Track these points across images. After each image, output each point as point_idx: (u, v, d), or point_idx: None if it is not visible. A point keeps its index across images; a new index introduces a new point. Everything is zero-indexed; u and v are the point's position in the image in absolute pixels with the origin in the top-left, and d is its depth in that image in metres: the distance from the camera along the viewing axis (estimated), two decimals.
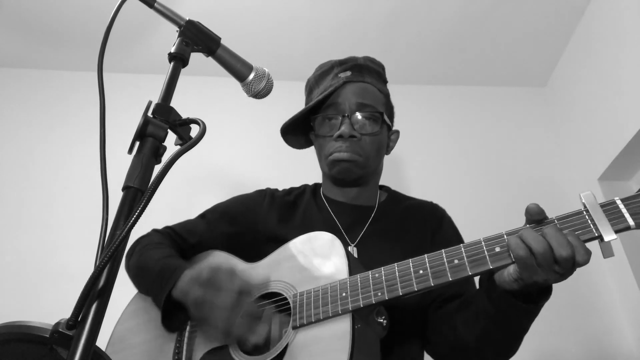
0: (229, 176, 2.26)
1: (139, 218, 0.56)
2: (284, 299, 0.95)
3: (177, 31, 0.85)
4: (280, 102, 1.67)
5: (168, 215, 1.34)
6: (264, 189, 1.29)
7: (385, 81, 1.29)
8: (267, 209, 1.21)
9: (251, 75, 0.93)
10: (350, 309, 0.85)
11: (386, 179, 1.35)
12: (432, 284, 0.80)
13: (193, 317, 0.96)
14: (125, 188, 0.63)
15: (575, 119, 2.35)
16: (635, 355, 1.87)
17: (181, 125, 0.73)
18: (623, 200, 0.72)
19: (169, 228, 1.21)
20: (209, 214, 1.23)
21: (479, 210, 2.17)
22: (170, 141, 0.71)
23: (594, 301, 2.01)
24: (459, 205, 2.23)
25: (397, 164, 2.34)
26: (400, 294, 0.82)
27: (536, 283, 0.74)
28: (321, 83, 1.24)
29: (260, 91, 0.95)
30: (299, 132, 1.29)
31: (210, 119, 0.81)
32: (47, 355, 0.57)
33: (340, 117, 1.15)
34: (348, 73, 1.20)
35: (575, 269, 0.72)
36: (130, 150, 0.68)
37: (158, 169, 0.62)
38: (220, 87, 2.30)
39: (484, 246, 0.78)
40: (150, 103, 0.71)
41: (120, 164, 0.76)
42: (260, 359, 0.89)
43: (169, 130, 0.70)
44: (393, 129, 1.28)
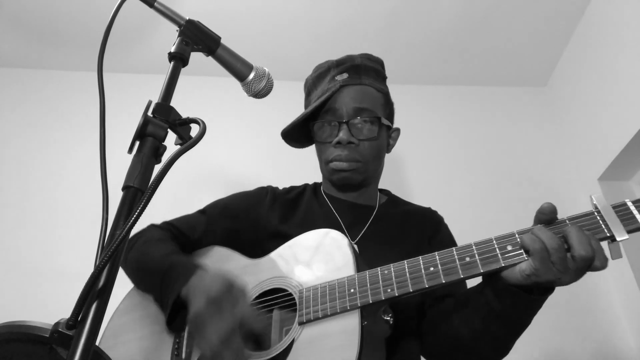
0: (229, 176, 2.25)
1: (139, 218, 0.56)
2: (289, 294, 0.94)
3: (177, 31, 0.84)
4: (280, 102, 1.67)
5: (168, 215, 1.34)
6: (265, 186, 1.29)
7: (384, 78, 1.27)
8: (269, 206, 1.20)
9: (251, 75, 0.93)
10: (359, 305, 0.84)
11: (386, 179, 1.35)
12: (444, 281, 0.80)
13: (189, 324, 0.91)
14: (125, 188, 0.63)
15: (575, 119, 2.35)
16: (635, 355, 1.87)
17: (181, 125, 0.73)
18: (634, 202, 0.74)
19: (168, 223, 1.19)
20: (209, 210, 1.22)
21: (479, 210, 2.17)
22: (170, 141, 0.71)
23: (593, 301, 2.01)
24: (459, 205, 2.25)
25: (398, 164, 2.34)
26: (411, 290, 0.82)
27: (547, 282, 0.74)
28: (319, 85, 1.23)
29: (260, 91, 0.95)
30: (300, 134, 1.28)
31: (210, 119, 0.81)
32: (47, 355, 0.57)
33: (338, 124, 1.14)
34: (345, 75, 1.18)
35: (585, 272, 0.73)
36: (130, 150, 0.68)
37: (158, 168, 0.62)
38: (220, 87, 2.30)
39: (496, 244, 0.79)
40: (150, 102, 0.71)
41: (120, 163, 0.76)
42: (266, 354, 0.89)
43: (169, 129, 0.70)
44: (393, 127, 1.27)
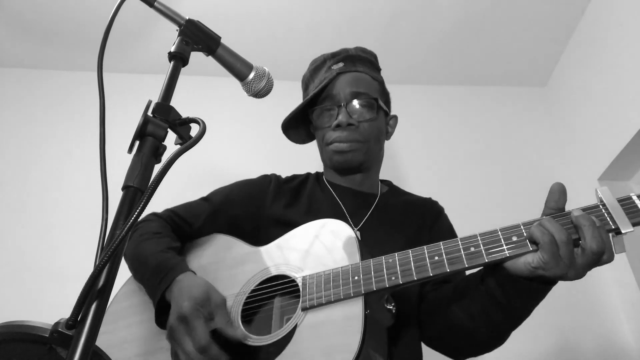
0: (229, 176, 2.23)
1: (139, 217, 0.56)
2: (291, 281, 0.94)
3: (177, 30, 0.84)
4: (280, 102, 1.67)
5: None
6: (269, 174, 1.29)
7: (378, 69, 1.30)
8: (273, 194, 1.21)
9: (251, 75, 0.93)
10: (362, 292, 0.84)
11: (386, 177, 1.35)
12: (448, 270, 0.80)
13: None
14: (125, 187, 0.63)
15: (575, 119, 2.35)
16: (635, 355, 1.87)
17: (181, 125, 0.72)
18: (639, 196, 0.75)
19: (171, 211, 1.19)
20: (213, 197, 1.22)
21: (479, 210, 2.16)
22: (170, 140, 0.71)
23: (593, 301, 2.01)
24: (459, 204, 2.23)
25: (397, 163, 2.34)
26: (415, 278, 0.82)
27: (554, 276, 0.74)
28: (316, 77, 1.26)
29: (260, 90, 0.95)
30: (300, 127, 1.31)
31: (210, 119, 0.81)
32: (47, 355, 0.57)
33: (336, 108, 1.17)
34: (340, 64, 1.23)
35: (592, 268, 0.74)
36: (130, 150, 0.67)
37: (158, 168, 0.62)
38: (220, 87, 2.30)
39: (501, 235, 0.79)
40: (150, 102, 0.71)
41: (120, 163, 0.76)
42: (269, 338, 0.89)
43: (168, 129, 0.70)
44: (391, 114, 1.29)
